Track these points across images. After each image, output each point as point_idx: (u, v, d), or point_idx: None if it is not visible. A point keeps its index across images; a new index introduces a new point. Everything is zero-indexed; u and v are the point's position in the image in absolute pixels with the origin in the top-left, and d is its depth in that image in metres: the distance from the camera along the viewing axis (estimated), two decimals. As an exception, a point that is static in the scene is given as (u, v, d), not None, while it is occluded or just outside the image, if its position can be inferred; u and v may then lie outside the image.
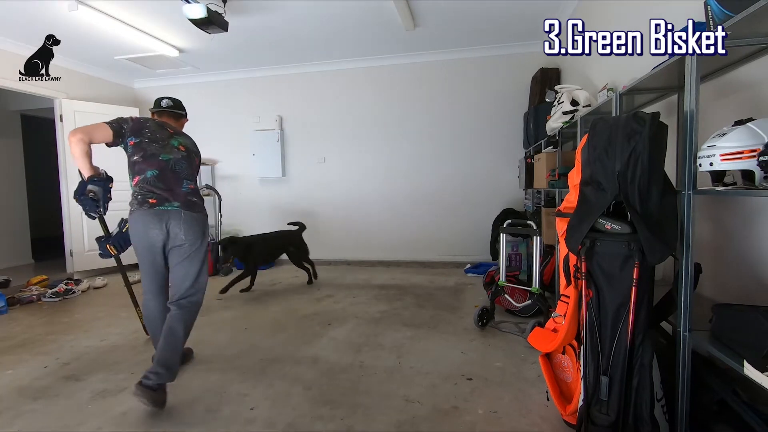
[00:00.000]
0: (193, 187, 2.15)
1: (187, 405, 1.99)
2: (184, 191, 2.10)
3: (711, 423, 1.41)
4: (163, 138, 2.12)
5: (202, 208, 2.15)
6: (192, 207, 2.09)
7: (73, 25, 3.87)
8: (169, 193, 2.06)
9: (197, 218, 2.09)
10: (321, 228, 5.57)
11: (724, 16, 1.26)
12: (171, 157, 2.09)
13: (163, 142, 2.11)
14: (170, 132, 2.18)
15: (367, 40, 4.66)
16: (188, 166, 2.16)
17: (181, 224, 2.03)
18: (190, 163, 2.17)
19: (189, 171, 2.16)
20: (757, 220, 1.56)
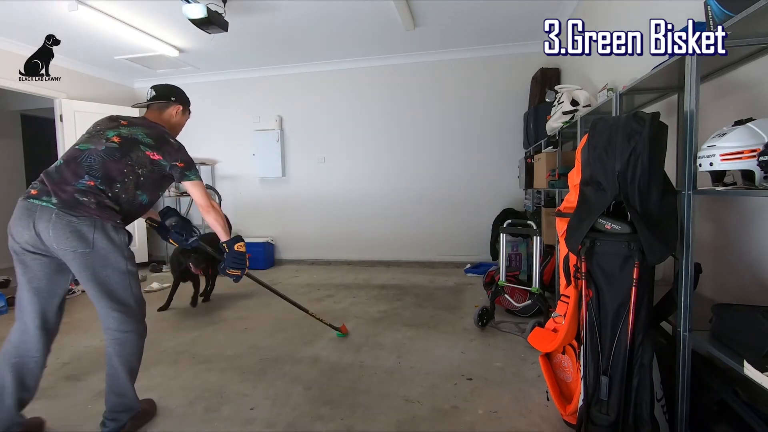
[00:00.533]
0: (94, 185, 1.61)
1: (187, 405, 1.99)
2: (74, 187, 1.60)
3: (711, 423, 1.41)
4: (101, 129, 1.75)
5: (92, 212, 1.58)
6: (73, 207, 1.56)
7: (73, 25, 3.87)
8: (55, 186, 1.59)
9: (72, 223, 1.55)
10: (321, 228, 5.58)
11: (724, 16, 1.26)
12: (90, 147, 1.67)
13: (98, 132, 1.74)
14: (122, 123, 1.77)
15: (367, 40, 4.66)
16: (106, 160, 1.65)
17: (49, 227, 1.54)
18: (111, 159, 1.66)
19: (102, 166, 1.64)
20: (757, 220, 1.56)
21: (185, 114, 2.08)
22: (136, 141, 1.72)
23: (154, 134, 1.78)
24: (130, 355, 1.72)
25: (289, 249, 5.71)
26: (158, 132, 1.81)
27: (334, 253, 5.57)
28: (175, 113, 2.00)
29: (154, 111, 1.96)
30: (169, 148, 1.79)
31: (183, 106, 2.04)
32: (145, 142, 1.74)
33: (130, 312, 1.70)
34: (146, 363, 2.44)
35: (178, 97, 2.02)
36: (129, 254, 1.69)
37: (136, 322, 1.72)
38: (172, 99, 1.98)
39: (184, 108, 2.06)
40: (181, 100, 2.02)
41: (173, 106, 1.99)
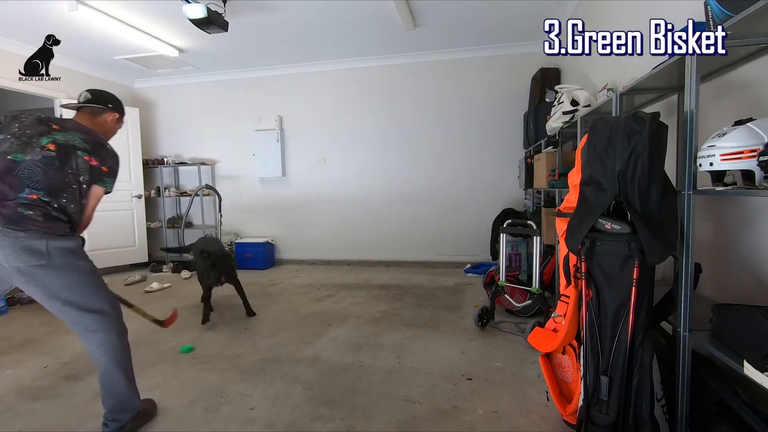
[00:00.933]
0: (37, 198, 1.54)
1: (187, 405, 1.99)
2: (15, 202, 1.52)
3: (711, 423, 1.41)
4: (32, 134, 1.61)
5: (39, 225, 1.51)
6: (18, 222, 1.49)
7: (73, 25, 3.87)
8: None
9: (20, 239, 1.48)
10: (321, 228, 5.58)
11: (724, 16, 1.26)
12: (26, 158, 1.56)
13: (29, 139, 1.60)
14: (54, 128, 1.66)
15: (367, 40, 4.66)
16: (46, 171, 1.56)
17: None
18: (52, 168, 1.57)
19: (44, 177, 1.56)
20: (757, 220, 1.56)
21: (118, 123, 1.96)
22: (72, 147, 1.63)
23: (90, 140, 1.69)
24: (116, 350, 1.70)
25: (289, 249, 5.71)
26: (94, 137, 1.73)
27: (334, 253, 5.57)
28: (110, 120, 1.89)
29: (86, 115, 1.83)
30: (105, 153, 1.72)
31: (119, 114, 1.94)
32: (82, 147, 1.65)
33: (105, 311, 1.66)
34: (146, 363, 2.45)
35: (115, 104, 1.92)
36: (86, 256, 1.66)
37: (115, 320, 1.70)
38: (109, 105, 1.88)
39: (120, 117, 1.95)
40: (117, 108, 1.92)
41: (109, 113, 1.88)
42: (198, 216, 5.68)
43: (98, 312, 1.64)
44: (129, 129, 5.40)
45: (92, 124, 1.81)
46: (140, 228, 5.52)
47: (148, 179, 5.75)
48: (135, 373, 2.33)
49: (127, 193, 5.38)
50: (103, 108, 1.87)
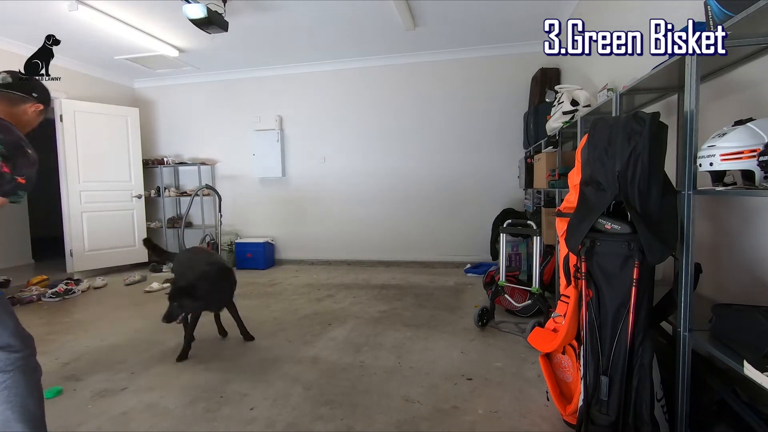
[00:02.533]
0: None
1: (187, 405, 1.99)
2: None
3: (711, 423, 1.41)
4: None
5: None
6: None
7: (73, 25, 3.87)
8: None
9: None
10: (321, 228, 5.58)
11: (724, 16, 1.26)
12: None
13: None
14: None
15: (367, 40, 4.66)
16: None
17: None
18: None
19: None
20: (757, 220, 1.56)
21: (41, 116, 1.66)
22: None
23: (8, 141, 1.37)
24: (22, 399, 1.37)
25: (289, 249, 5.71)
26: (14, 139, 1.40)
27: (334, 253, 5.57)
28: (31, 111, 1.59)
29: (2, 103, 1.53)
30: (22, 161, 1.39)
31: (45, 106, 1.65)
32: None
33: (10, 349, 1.36)
34: (146, 363, 2.45)
35: (41, 94, 1.62)
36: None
37: (22, 359, 1.38)
38: (33, 94, 1.58)
39: (45, 109, 1.66)
40: (43, 98, 1.63)
41: (32, 104, 1.58)
42: (198, 216, 5.68)
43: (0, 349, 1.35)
44: (129, 129, 5.41)
45: (8, 114, 1.51)
46: (140, 228, 5.52)
47: (148, 179, 5.75)
48: (135, 373, 2.35)
49: (127, 193, 5.39)
50: (25, 97, 1.57)
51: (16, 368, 1.36)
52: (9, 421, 1.35)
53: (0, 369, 1.34)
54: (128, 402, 2.03)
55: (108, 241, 5.12)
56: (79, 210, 4.96)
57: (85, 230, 4.97)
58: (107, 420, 1.88)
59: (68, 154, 4.87)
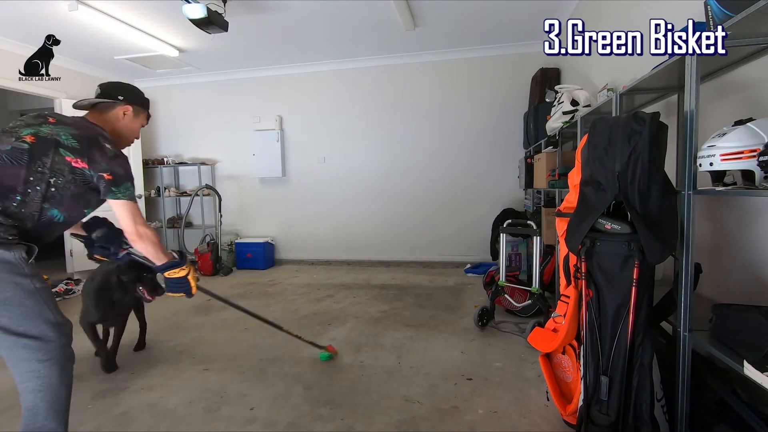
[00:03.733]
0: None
1: (187, 405, 1.99)
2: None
3: (711, 423, 1.41)
4: (20, 125, 1.41)
5: None
6: None
7: (73, 25, 3.86)
8: None
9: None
10: (321, 228, 5.58)
11: (724, 16, 1.26)
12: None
13: (12, 129, 1.41)
14: (49, 121, 1.44)
15: (367, 40, 4.66)
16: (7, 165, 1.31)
17: None
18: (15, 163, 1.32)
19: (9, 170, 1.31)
20: (757, 220, 1.56)
21: (138, 117, 1.69)
22: (54, 143, 1.37)
23: (82, 135, 1.42)
24: (54, 388, 1.35)
25: (289, 249, 5.71)
26: (89, 133, 1.45)
27: (334, 253, 5.57)
28: (122, 115, 1.63)
29: (95, 113, 1.61)
30: (99, 155, 1.42)
31: (135, 106, 1.66)
32: (68, 144, 1.38)
33: (46, 338, 1.34)
34: (146, 363, 2.45)
35: (127, 95, 1.65)
36: (32, 271, 1.33)
37: (57, 348, 1.36)
38: (119, 98, 1.62)
39: (137, 110, 1.68)
40: (131, 100, 1.65)
41: (120, 107, 1.61)
42: (198, 216, 5.68)
43: (34, 338, 1.32)
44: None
45: (102, 122, 1.58)
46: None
47: (148, 179, 5.75)
48: (135, 373, 2.34)
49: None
50: (113, 102, 1.60)
51: (51, 357, 1.34)
52: (37, 409, 1.34)
53: (36, 358, 1.32)
54: (128, 402, 2.03)
55: (108, 241, 5.12)
56: (79, 210, 4.95)
57: (85, 230, 4.97)
58: (107, 420, 1.88)
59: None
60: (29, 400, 1.34)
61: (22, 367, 1.33)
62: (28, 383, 1.33)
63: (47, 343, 1.34)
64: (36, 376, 1.33)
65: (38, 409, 1.35)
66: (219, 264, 5.11)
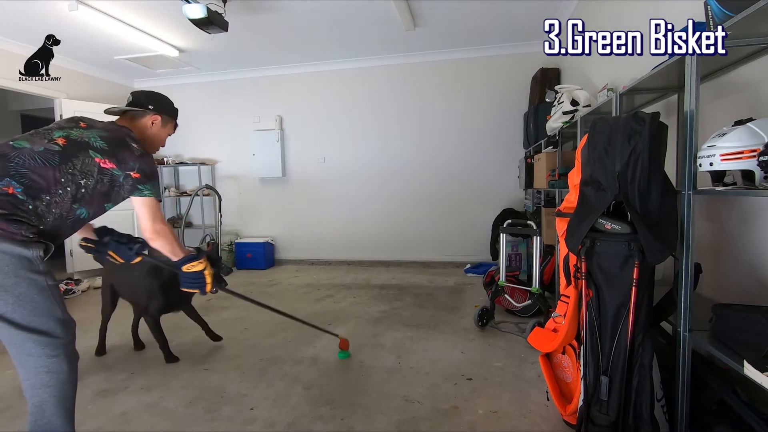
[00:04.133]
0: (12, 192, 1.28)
1: (187, 405, 1.99)
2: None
3: (711, 423, 1.41)
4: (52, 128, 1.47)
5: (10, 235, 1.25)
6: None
7: (73, 25, 3.86)
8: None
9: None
10: (321, 228, 5.58)
11: (724, 16, 1.26)
12: (25, 146, 1.36)
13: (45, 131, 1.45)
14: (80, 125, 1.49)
15: (367, 40, 4.66)
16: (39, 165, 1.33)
17: None
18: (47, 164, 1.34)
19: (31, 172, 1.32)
20: (757, 220, 1.56)
21: (166, 127, 1.76)
22: (85, 145, 1.42)
23: (110, 137, 1.48)
24: (62, 384, 1.37)
25: (289, 249, 5.71)
26: (118, 135, 1.51)
27: (334, 253, 5.57)
28: (151, 124, 1.69)
29: (126, 119, 1.68)
30: (127, 154, 1.48)
31: (163, 116, 1.73)
32: (97, 146, 1.43)
33: (55, 334, 1.35)
34: (146, 363, 2.45)
35: (157, 105, 1.72)
36: (45, 268, 1.36)
37: (64, 345, 1.38)
38: (149, 107, 1.68)
39: (165, 119, 1.74)
40: (160, 109, 1.72)
41: (149, 116, 1.68)
42: (198, 216, 5.68)
43: (44, 333, 1.33)
44: (129, 129, 5.40)
45: (132, 128, 1.63)
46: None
47: (148, 179, 5.75)
48: (135, 373, 2.35)
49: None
50: (143, 111, 1.67)
51: (60, 353, 1.36)
52: (45, 405, 1.35)
53: (46, 354, 1.34)
54: (128, 402, 2.03)
55: (108, 241, 5.12)
56: (79, 210, 4.96)
57: (85, 230, 4.97)
58: (107, 420, 1.88)
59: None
60: (37, 395, 1.35)
61: (31, 363, 1.34)
62: (37, 378, 1.34)
63: (56, 339, 1.36)
64: (46, 371, 1.34)
65: (46, 405, 1.35)
66: (219, 264, 5.10)
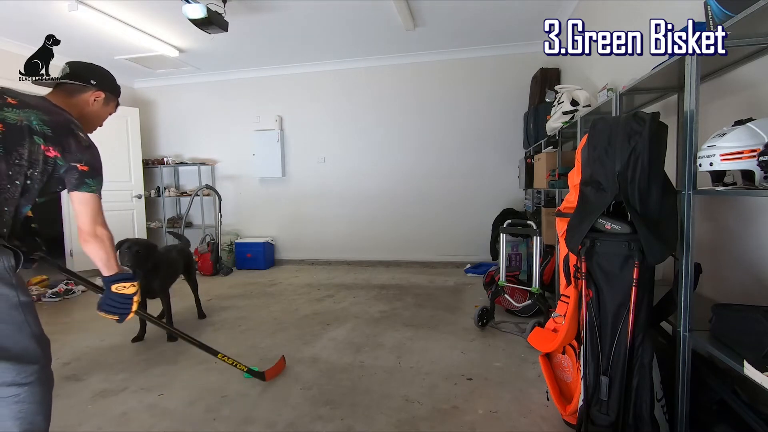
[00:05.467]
0: None
1: (187, 405, 1.99)
2: None
3: (711, 423, 1.41)
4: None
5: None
6: None
7: (73, 25, 3.86)
8: None
9: None
10: (321, 228, 5.58)
11: (724, 16, 1.26)
12: None
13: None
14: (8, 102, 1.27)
15: (367, 40, 4.66)
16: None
17: None
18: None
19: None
20: (757, 220, 1.56)
21: (108, 106, 1.54)
22: (27, 130, 1.21)
23: (54, 122, 1.27)
24: (33, 415, 1.23)
25: (289, 249, 5.71)
26: (61, 120, 1.30)
27: (334, 253, 5.57)
28: (92, 101, 1.47)
29: (61, 94, 1.43)
30: (73, 143, 1.28)
31: (107, 93, 1.51)
32: (40, 131, 1.23)
33: (28, 357, 1.21)
34: (146, 363, 2.45)
35: (101, 80, 1.49)
36: (18, 281, 1.20)
37: (37, 371, 1.24)
38: (91, 82, 1.46)
39: (109, 97, 1.52)
40: (104, 85, 1.50)
41: (92, 92, 1.46)
42: (198, 216, 5.68)
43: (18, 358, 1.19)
44: (129, 129, 5.40)
45: (68, 105, 1.41)
46: (140, 228, 5.52)
47: (148, 179, 5.75)
48: (135, 372, 2.35)
49: (127, 193, 5.38)
50: (83, 85, 1.44)
51: (34, 380, 1.23)
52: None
53: (16, 382, 1.19)
54: (128, 402, 2.03)
55: (108, 241, 5.11)
56: (79, 210, 4.96)
57: (85, 230, 4.97)
58: (107, 420, 1.88)
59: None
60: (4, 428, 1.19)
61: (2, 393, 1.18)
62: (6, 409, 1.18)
63: (28, 366, 1.22)
64: (15, 401, 1.19)
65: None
66: (219, 264, 5.11)
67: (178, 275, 3.14)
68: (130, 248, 2.60)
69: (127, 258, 2.56)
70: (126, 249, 2.60)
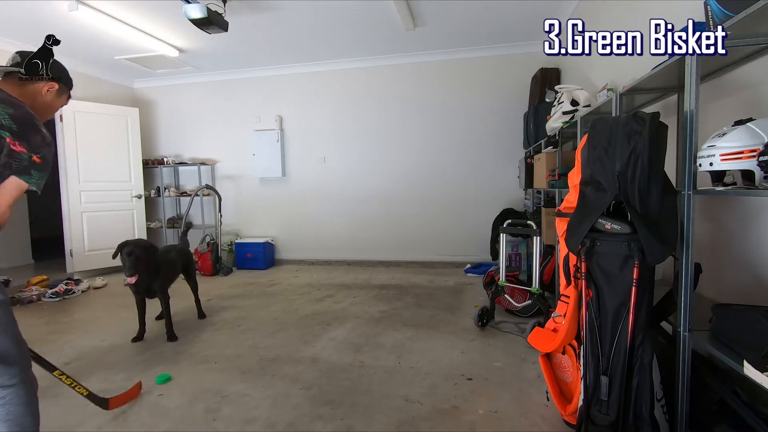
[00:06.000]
0: None
1: (187, 405, 1.99)
2: None
3: (711, 423, 1.41)
4: None
5: None
6: None
7: (73, 25, 3.87)
8: None
9: None
10: (321, 228, 5.58)
11: (724, 16, 1.26)
12: None
13: None
14: None
15: (367, 40, 4.66)
16: None
17: None
18: None
19: None
20: (757, 220, 1.56)
21: (61, 97, 1.54)
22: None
23: (18, 116, 1.25)
24: (21, 417, 1.22)
25: (289, 249, 5.71)
26: (24, 114, 1.28)
27: (334, 253, 5.57)
28: (45, 91, 1.46)
29: (12, 83, 1.41)
30: (39, 139, 1.28)
31: (61, 84, 1.51)
32: (5, 124, 1.21)
33: (9, 359, 1.21)
34: (146, 363, 2.45)
35: (55, 71, 1.49)
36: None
37: (22, 370, 1.24)
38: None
39: (62, 88, 1.52)
40: (57, 76, 1.50)
41: (45, 83, 1.46)
42: (198, 216, 5.68)
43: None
44: (129, 129, 5.41)
45: (20, 94, 1.38)
46: (140, 228, 5.52)
47: (148, 179, 5.75)
48: (135, 372, 2.35)
49: (127, 193, 5.39)
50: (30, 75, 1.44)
51: (17, 382, 1.22)
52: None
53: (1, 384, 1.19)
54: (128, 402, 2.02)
55: (108, 242, 5.10)
56: (79, 210, 4.97)
57: (85, 230, 4.97)
58: (107, 420, 1.88)
59: (68, 154, 4.87)
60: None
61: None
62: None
63: (11, 367, 1.21)
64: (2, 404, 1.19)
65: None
66: (219, 264, 5.11)
67: (178, 275, 3.14)
68: (130, 255, 2.57)
69: (128, 265, 2.56)
70: (126, 255, 2.58)
